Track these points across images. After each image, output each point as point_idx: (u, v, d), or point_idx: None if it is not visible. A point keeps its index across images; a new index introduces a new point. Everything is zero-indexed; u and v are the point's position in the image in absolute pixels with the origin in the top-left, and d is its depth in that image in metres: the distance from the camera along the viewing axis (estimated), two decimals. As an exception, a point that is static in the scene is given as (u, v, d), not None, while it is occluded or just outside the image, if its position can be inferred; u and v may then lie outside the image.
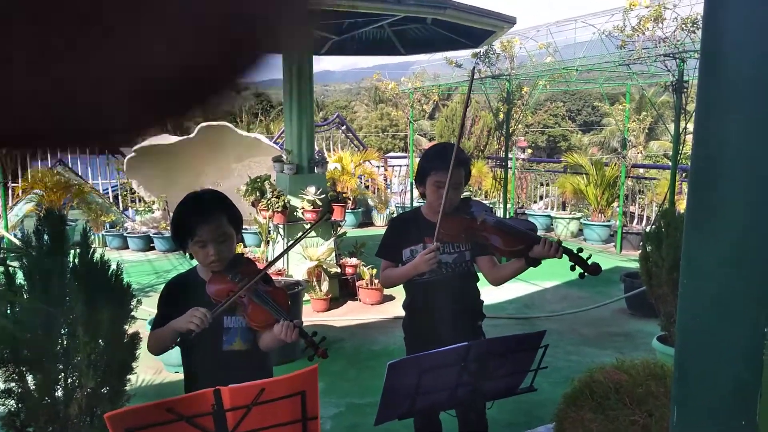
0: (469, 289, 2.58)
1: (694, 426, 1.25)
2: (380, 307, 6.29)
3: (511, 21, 6.21)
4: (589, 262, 2.18)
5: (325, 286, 6.28)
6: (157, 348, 2.11)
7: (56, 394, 2.17)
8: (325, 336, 1.97)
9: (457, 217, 2.36)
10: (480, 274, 2.62)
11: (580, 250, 2.21)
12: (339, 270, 6.62)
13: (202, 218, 2.01)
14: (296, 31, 0.34)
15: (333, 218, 6.67)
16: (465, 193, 2.60)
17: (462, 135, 2.75)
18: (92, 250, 2.26)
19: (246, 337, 2.08)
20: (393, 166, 14.03)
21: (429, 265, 2.32)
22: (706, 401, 1.21)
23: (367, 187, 12.66)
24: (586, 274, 2.17)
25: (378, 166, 12.92)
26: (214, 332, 2.03)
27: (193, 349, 2.01)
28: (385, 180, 13.09)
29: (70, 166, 10.75)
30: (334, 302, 6.37)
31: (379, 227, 11.81)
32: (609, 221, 9.85)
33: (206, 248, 2.03)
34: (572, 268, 2.19)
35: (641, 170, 11.04)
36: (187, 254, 2.11)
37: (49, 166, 10.36)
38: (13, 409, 2.16)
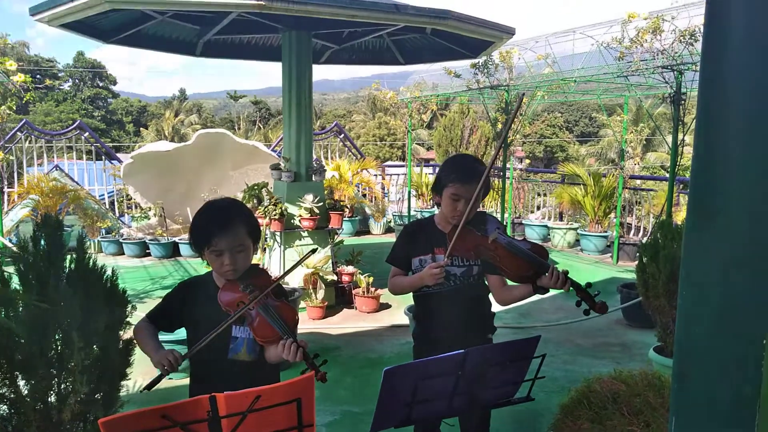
0: (477, 301, 2.54)
1: (693, 437, 1.24)
2: (376, 315, 6.27)
3: (510, 32, 6.23)
4: (596, 299, 2.11)
5: (321, 293, 6.27)
6: (136, 340, 2.20)
7: (49, 399, 2.15)
8: (326, 360, 1.95)
9: (470, 233, 2.31)
10: None
11: (589, 285, 2.15)
12: (335, 278, 6.61)
13: (220, 228, 2.01)
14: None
15: (330, 226, 6.66)
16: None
17: (494, 158, 2.72)
18: (88, 255, 2.25)
19: (251, 348, 2.07)
20: (390, 174, 14.04)
21: (434, 280, 2.30)
22: (705, 412, 1.20)
23: (364, 195, 12.66)
24: (591, 312, 2.10)
25: (376, 175, 12.93)
26: (222, 340, 2.02)
27: (199, 356, 2.00)
28: (383, 189, 13.10)
29: (66, 171, 10.73)
30: (330, 310, 6.35)
31: (376, 235, 11.80)
32: (606, 232, 9.86)
33: (221, 257, 2.02)
34: (578, 304, 2.13)
35: (638, 181, 11.07)
36: (204, 261, 2.10)
37: (46, 171, 10.35)
38: (5, 414, 2.14)
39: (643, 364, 3.92)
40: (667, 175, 6.92)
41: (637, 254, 4.63)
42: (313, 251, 2.39)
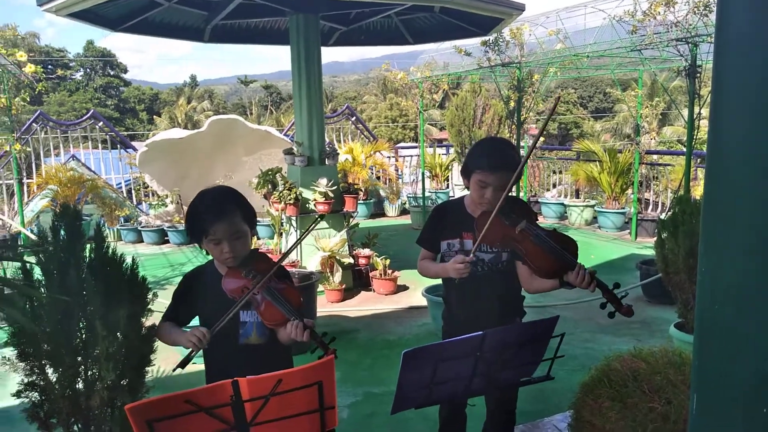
0: (506, 286, 2.49)
1: (714, 414, 1.24)
2: (394, 297, 6.30)
3: (519, 8, 6.14)
4: (623, 302, 2.07)
5: (338, 276, 6.30)
6: (163, 340, 2.24)
7: (77, 386, 2.20)
8: (334, 336, 1.97)
9: (498, 222, 2.23)
10: None
11: (617, 285, 2.09)
12: (352, 261, 6.64)
13: (215, 216, 2.02)
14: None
15: (345, 209, 6.67)
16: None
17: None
18: (107, 244, 2.28)
19: (261, 331, 2.10)
20: (404, 156, 13.99)
21: (458, 274, 2.25)
22: (726, 389, 1.19)
23: (378, 177, 12.65)
24: (616, 313, 2.05)
25: (389, 157, 12.89)
26: (231, 326, 2.05)
27: (212, 343, 2.03)
28: (396, 170, 13.07)
29: (82, 161, 10.83)
30: (347, 293, 6.39)
31: (392, 217, 11.81)
32: (623, 208, 9.78)
33: (220, 245, 2.05)
34: (602, 306, 2.07)
35: (655, 156, 10.92)
36: (203, 250, 2.12)
37: (63, 161, 10.46)
38: (36, 401, 2.20)
39: (663, 341, 3.90)
40: (684, 150, 6.83)
41: (656, 230, 4.59)
42: (316, 223, 2.37)
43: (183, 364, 2.03)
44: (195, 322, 2.24)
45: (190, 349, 2.03)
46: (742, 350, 1.14)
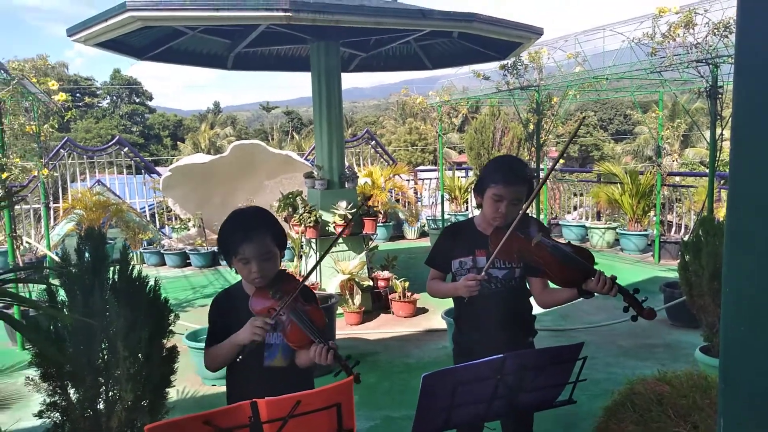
0: (518, 304, 2.50)
1: (742, 439, 1.21)
2: (413, 320, 6.26)
3: (537, 32, 6.18)
4: (644, 305, 2.08)
5: (357, 299, 6.29)
6: (217, 364, 2.14)
7: (98, 407, 2.22)
8: (358, 360, 1.96)
9: (512, 235, 2.25)
10: None
11: (636, 290, 2.11)
12: (371, 283, 6.63)
13: (246, 236, 2.04)
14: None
15: (364, 232, 6.69)
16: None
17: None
18: (131, 266, 2.31)
19: (286, 353, 2.10)
20: (423, 179, 14.02)
21: (469, 292, 2.26)
22: (755, 413, 1.17)
23: (397, 200, 12.67)
24: (639, 317, 2.07)
25: (408, 180, 12.93)
26: (257, 348, 2.06)
27: (235, 365, 2.03)
28: (416, 193, 13.09)
29: (108, 185, 11.04)
30: (366, 315, 6.37)
31: (411, 240, 11.79)
32: (646, 231, 9.65)
33: (249, 265, 2.06)
34: (625, 309, 2.09)
35: (677, 178, 10.80)
36: (232, 269, 2.13)
37: (88, 186, 10.67)
38: (57, 422, 2.22)
39: (688, 365, 3.81)
40: (707, 171, 6.74)
41: (680, 252, 4.52)
42: (336, 240, 2.40)
43: (240, 353, 2.04)
44: None
45: (253, 344, 2.01)
46: (769, 373, 1.12)
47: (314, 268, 2.34)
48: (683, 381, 2.23)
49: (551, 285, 2.40)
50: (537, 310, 2.59)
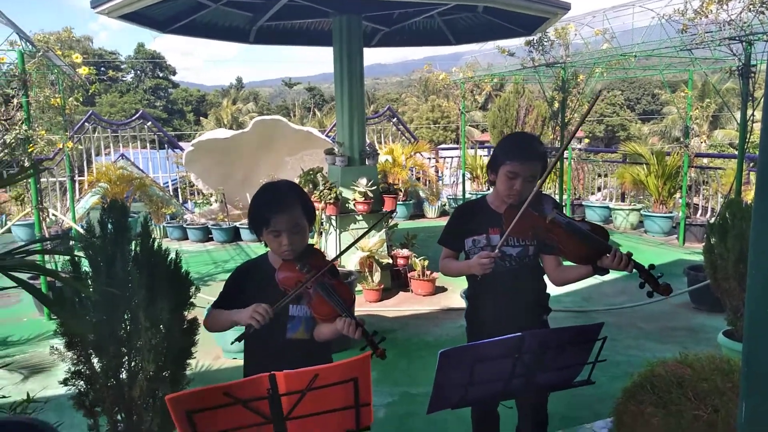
0: (532, 282, 2.50)
1: (764, 423, 1.19)
2: (432, 298, 6.27)
3: (565, 7, 6.03)
4: (660, 281, 2.06)
5: (377, 276, 6.31)
6: (213, 327, 2.19)
7: (121, 376, 2.26)
8: (384, 336, 1.96)
9: (526, 212, 2.24)
10: None
11: (652, 266, 2.09)
12: (391, 261, 6.64)
13: (278, 208, 2.05)
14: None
15: (384, 209, 6.69)
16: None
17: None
18: (153, 239, 2.33)
19: (309, 326, 2.12)
20: (444, 157, 13.92)
21: (482, 270, 2.26)
22: (777, 397, 1.15)
23: (418, 179, 12.63)
24: (655, 293, 2.06)
25: (429, 158, 12.86)
26: (279, 320, 2.07)
27: (256, 335, 2.05)
28: (437, 172, 13.02)
29: (131, 160, 11.17)
30: (386, 293, 6.40)
31: (431, 219, 11.77)
32: (671, 213, 9.50)
33: (280, 237, 2.07)
34: (641, 285, 2.08)
35: (705, 160, 10.57)
36: (262, 242, 2.15)
37: (113, 160, 10.80)
38: (82, 390, 2.27)
39: (710, 349, 3.77)
40: (736, 153, 6.58)
41: (705, 235, 4.44)
42: (384, 217, 2.42)
43: (241, 338, 2.05)
44: None
45: (248, 326, 2.00)
46: (794, 358, 1.09)
47: (351, 245, 2.32)
48: (705, 364, 2.20)
49: (565, 263, 2.39)
50: (557, 291, 2.57)
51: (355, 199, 6.41)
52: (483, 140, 24.87)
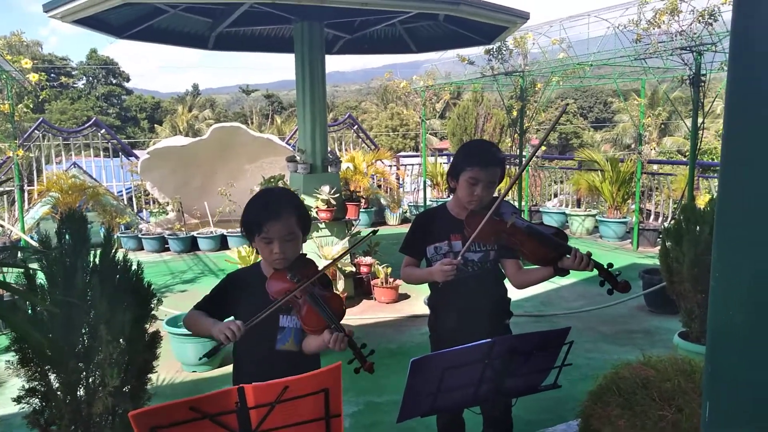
0: (494, 287, 2.53)
1: (728, 423, 1.22)
2: (395, 305, 6.27)
3: (524, 16, 6.15)
4: (619, 279, 2.16)
5: (340, 284, 6.28)
6: (191, 328, 2.14)
7: (79, 393, 2.17)
8: (373, 349, 1.94)
9: (488, 218, 2.28)
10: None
11: (611, 265, 2.18)
12: (354, 269, 6.61)
13: (271, 216, 2.01)
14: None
15: (347, 217, 6.66)
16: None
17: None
18: (114, 249, 2.26)
19: (299, 338, 2.08)
20: (405, 165, 14.00)
21: (445, 276, 2.28)
22: (740, 396, 1.18)
23: (379, 186, 12.65)
24: (614, 291, 2.15)
25: (390, 166, 12.90)
26: (269, 330, 2.03)
27: (245, 345, 2.00)
28: (398, 179, 13.08)
29: (84, 168, 10.83)
30: (349, 301, 6.36)
31: (393, 226, 11.79)
32: (625, 218, 9.77)
33: (271, 245, 2.03)
34: (601, 284, 2.16)
35: (655, 166, 10.91)
36: (254, 249, 2.10)
37: (64, 168, 10.46)
38: (37, 408, 2.17)
39: (666, 350, 3.88)
40: (685, 159, 6.82)
41: (659, 239, 4.57)
42: (374, 233, 2.42)
43: (209, 354, 1.99)
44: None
45: (219, 342, 1.95)
46: (756, 357, 1.13)
47: (342, 255, 2.31)
48: (667, 365, 2.26)
49: (526, 266, 2.44)
50: (515, 295, 2.61)
51: (317, 207, 6.37)
52: (442, 148, 25.10)
